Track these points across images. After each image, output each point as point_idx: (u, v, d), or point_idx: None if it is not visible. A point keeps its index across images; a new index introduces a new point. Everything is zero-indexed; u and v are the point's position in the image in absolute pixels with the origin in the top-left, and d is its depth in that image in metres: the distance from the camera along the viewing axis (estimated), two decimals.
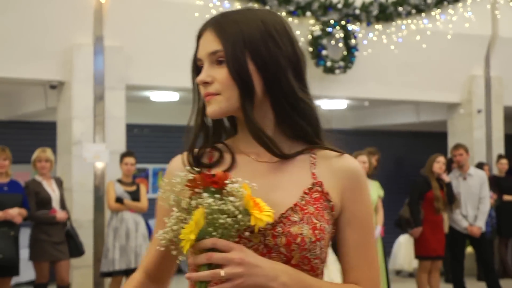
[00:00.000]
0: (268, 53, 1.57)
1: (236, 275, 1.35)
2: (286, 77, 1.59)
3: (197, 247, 1.35)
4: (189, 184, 1.39)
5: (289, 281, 1.43)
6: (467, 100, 12.34)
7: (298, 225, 1.49)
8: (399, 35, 11.37)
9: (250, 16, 1.63)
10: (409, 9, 11.39)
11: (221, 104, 1.56)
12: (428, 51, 11.57)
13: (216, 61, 1.56)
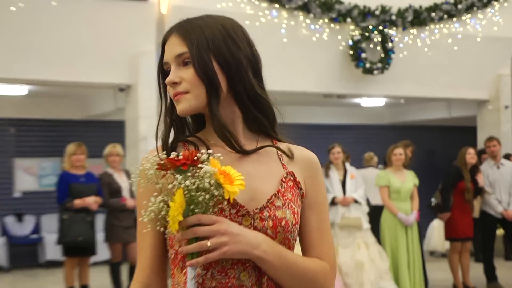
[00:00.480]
0: (230, 53, 1.60)
1: (221, 244, 1.40)
2: (247, 75, 1.63)
3: (183, 224, 1.39)
4: (159, 168, 1.42)
5: (269, 250, 1.48)
6: (495, 97, 12.21)
7: (282, 210, 1.55)
8: (432, 38, 11.27)
9: (211, 21, 1.65)
10: (441, 15, 11.28)
11: (191, 102, 1.58)
12: (458, 53, 11.46)
13: (183, 62, 1.59)
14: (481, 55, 11.74)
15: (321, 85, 10.65)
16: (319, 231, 1.69)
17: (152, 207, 1.42)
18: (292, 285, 1.60)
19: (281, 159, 1.69)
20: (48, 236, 10.96)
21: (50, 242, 10.68)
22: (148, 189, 1.50)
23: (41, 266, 11.24)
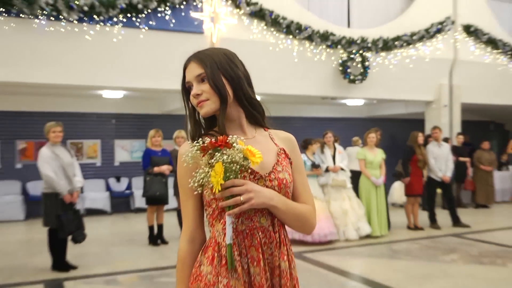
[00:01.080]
0: (232, 71, 1.65)
1: (249, 199, 1.48)
2: (244, 85, 1.67)
3: (223, 187, 1.45)
4: (202, 149, 1.47)
5: (278, 200, 1.57)
6: (437, 99, 12.10)
7: (282, 173, 1.63)
8: (395, 59, 11.18)
9: (216, 51, 1.70)
10: (402, 43, 11.18)
11: (211, 106, 1.61)
12: (413, 69, 11.35)
13: (201, 79, 1.62)
14: (428, 71, 11.63)
15: (320, 90, 10.64)
16: (303, 185, 1.75)
17: (198, 177, 1.48)
18: (293, 223, 1.66)
19: (273, 140, 1.74)
20: (136, 191, 11.09)
21: (137, 196, 10.80)
22: (188, 168, 1.55)
23: (131, 211, 11.39)
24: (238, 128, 1.69)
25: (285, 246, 1.64)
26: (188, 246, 1.65)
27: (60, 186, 5.81)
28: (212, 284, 1.54)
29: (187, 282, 1.63)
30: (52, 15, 7.90)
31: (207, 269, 1.57)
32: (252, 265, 1.55)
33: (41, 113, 10.63)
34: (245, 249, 1.56)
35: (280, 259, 1.60)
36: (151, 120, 11.56)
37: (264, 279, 1.55)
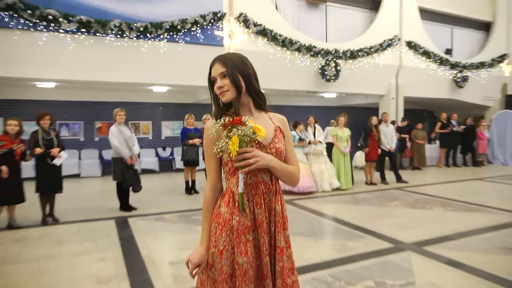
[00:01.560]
0: (245, 71, 1.63)
1: (256, 161, 1.52)
2: (253, 81, 1.66)
3: (238, 153, 1.49)
4: (223, 125, 1.50)
5: (276, 162, 1.59)
6: (388, 93, 11.94)
7: (278, 143, 1.63)
8: (358, 65, 10.99)
9: (234, 55, 1.66)
10: (363, 54, 10.99)
11: (230, 95, 1.61)
12: (371, 72, 11.19)
13: (223, 76, 1.62)
14: (381, 73, 11.46)
15: (305, 86, 10.47)
16: (291, 152, 1.72)
17: (220, 145, 1.51)
18: (284, 178, 1.65)
19: (272, 120, 1.71)
20: (177, 157, 11.09)
21: (177, 160, 10.88)
22: (213, 138, 1.59)
23: (173, 171, 11.40)
24: (247, 111, 1.67)
25: (279, 195, 1.67)
26: (211, 193, 1.66)
27: (124, 153, 5.81)
28: (227, 220, 1.58)
29: (210, 218, 1.65)
30: (118, 34, 8.09)
31: (224, 210, 1.59)
32: (256, 208, 1.59)
33: (111, 102, 10.61)
34: (251, 196, 1.59)
35: (275, 204, 1.63)
36: (187, 107, 11.49)
37: (264, 217, 1.59)
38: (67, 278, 3.42)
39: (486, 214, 5.74)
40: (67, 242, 4.48)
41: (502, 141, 12.84)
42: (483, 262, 3.71)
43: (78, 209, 6.20)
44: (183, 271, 3.53)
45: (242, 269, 1.53)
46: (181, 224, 5.28)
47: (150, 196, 7.26)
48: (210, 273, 1.62)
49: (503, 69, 13.97)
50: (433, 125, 14.39)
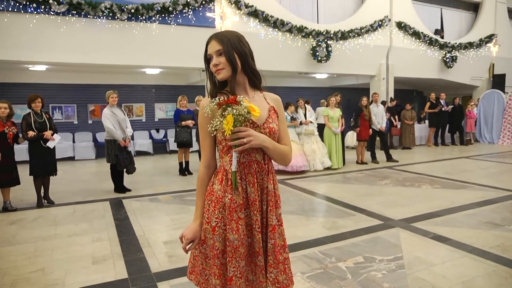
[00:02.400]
0: (242, 49, 1.59)
1: (250, 140, 1.50)
2: (249, 60, 1.61)
3: (232, 132, 1.46)
4: (218, 104, 1.46)
5: (268, 142, 1.56)
6: (378, 73, 11.88)
7: (272, 123, 1.60)
8: (349, 46, 10.87)
9: (230, 33, 1.61)
10: (354, 35, 10.86)
11: (225, 73, 1.57)
12: (362, 53, 11.09)
13: (219, 53, 1.57)
14: (372, 54, 11.39)
15: (297, 67, 10.36)
16: (284, 132, 1.68)
17: (214, 124, 1.46)
18: (276, 158, 1.62)
19: (266, 100, 1.67)
20: (170, 139, 11.01)
21: (171, 142, 10.79)
22: (207, 117, 1.55)
23: (167, 152, 11.35)
24: (242, 90, 1.63)
25: (271, 174, 1.64)
26: (205, 170, 1.65)
27: (117, 135, 5.74)
28: (220, 197, 1.56)
29: (204, 195, 1.63)
30: (109, 16, 7.93)
31: (217, 187, 1.58)
32: (249, 186, 1.56)
33: (104, 85, 10.43)
34: (244, 175, 1.57)
35: (268, 182, 1.61)
36: (179, 89, 11.34)
37: (256, 196, 1.57)
38: (62, 258, 3.40)
39: (472, 191, 5.81)
40: (63, 223, 4.46)
41: (488, 120, 12.92)
42: (468, 237, 3.76)
43: (73, 191, 6.15)
44: (177, 250, 3.53)
45: (233, 246, 1.53)
46: (175, 204, 5.27)
47: (144, 178, 7.22)
48: (202, 249, 1.61)
49: (491, 49, 13.93)
50: (423, 104, 14.41)
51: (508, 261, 3.17)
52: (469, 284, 2.79)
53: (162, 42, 8.46)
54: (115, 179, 6.02)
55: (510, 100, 12.40)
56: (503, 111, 12.55)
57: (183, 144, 7.32)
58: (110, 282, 2.92)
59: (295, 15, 10.17)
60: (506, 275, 2.93)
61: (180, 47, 8.63)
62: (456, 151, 10.93)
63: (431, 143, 12.14)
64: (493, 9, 14.23)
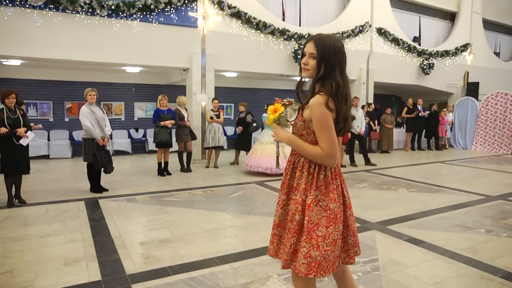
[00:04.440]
0: (331, 60, 1.71)
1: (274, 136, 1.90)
2: (335, 72, 1.72)
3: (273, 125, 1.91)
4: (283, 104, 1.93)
5: (287, 139, 1.81)
6: (358, 78, 12.12)
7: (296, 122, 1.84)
8: None
9: (329, 41, 1.72)
10: None
11: (308, 74, 1.77)
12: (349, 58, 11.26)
13: (312, 56, 1.73)
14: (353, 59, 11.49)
15: (279, 69, 10.40)
16: (317, 134, 1.72)
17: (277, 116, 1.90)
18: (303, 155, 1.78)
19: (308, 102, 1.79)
20: (149, 138, 10.83)
21: (150, 141, 10.56)
22: None
23: (146, 152, 11.19)
24: (310, 93, 1.81)
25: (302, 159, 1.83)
26: None
27: (95, 133, 5.61)
28: None
29: None
30: (88, 11, 7.78)
31: None
32: (288, 167, 1.91)
33: (82, 82, 10.22)
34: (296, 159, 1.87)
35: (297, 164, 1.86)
36: (160, 88, 11.22)
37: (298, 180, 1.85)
38: (32, 260, 3.29)
39: (445, 194, 5.96)
40: (34, 223, 4.32)
41: (462, 126, 13.31)
42: (441, 239, 3.85)
43: (46, 191, 5.98)
44: (153, 252, 3.48)
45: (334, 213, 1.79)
46: (152, 205, 5.19)
47: (122, 178, 7.09)
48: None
49: (466, 57, 14.37)
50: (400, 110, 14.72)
51: (478, 263, 3.26)
52: (441, 285, 2.85)
53: (143, 40, 8.35)
54: (92, 179, 5.89)
55: (483, 107, 12.81)
56: (476, 118, 12.96)
57: (162, 144, 7.23)
58: (82, 284, 2.84)
59: (278, 18, 10.24)
60: (476, 276, 3.01)
61: (162, 46, 8.54)
62: (431, 155, 11.20)
63: (408, 147, 12.41)
64: (469, 19, 14.70)
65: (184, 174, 7.52)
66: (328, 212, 1.72)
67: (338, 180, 1.82)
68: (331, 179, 1.77)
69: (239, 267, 3.14)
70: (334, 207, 1.73)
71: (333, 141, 1.68)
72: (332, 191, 1.76)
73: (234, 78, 12.07)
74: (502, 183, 7.00)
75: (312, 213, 1.72)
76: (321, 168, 1.76)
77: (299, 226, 1.75)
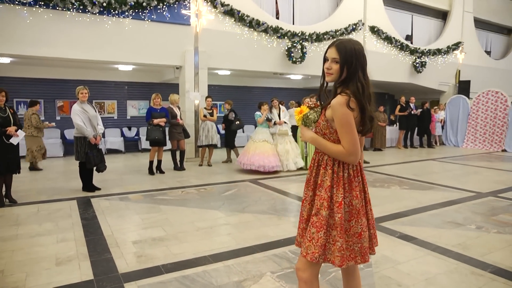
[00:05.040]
0: (353, 64, 1.77)
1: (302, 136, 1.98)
2: (358, 74, 1.78)
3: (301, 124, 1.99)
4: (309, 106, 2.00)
5: (310, 138, 1.90)
6: None
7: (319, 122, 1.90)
8: (325, 48, 11.00)
9: (350, 45, 1.79)
10: (329, 37, 11.02)
11: (331, 78, 1.83)
12: None
13: (334, 61, 1.80)
14: None
15: (272, 68, 10.39)
16: (339, 134, 1.79)
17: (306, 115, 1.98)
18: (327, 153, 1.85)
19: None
20: (142, 137, 10.82)
21: (143, 140, 10.58)
22: None
23: (139, 151, 11.13)
24: (331, 96, 1.85)
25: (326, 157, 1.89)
26: None
27: (87, 132, 5.56)
28: None
29: None
30: (80, 9, 7.73)
31: None
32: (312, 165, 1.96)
33: (74, 80, 10.15)
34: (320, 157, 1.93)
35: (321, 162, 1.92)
36: (153, 86, 11.18)
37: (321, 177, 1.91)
38: (23, 259, 3.27)
39: (437, 191, 6.01)
40: (25, 223, 4.28)
41: (454, 124, 13.44)
42: (432, 236, 3.89)
43: (37, 190, 5.93)
44: (146, 250, 3.47)
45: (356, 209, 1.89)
46: (145, 204, 5.17)
47: (114, 176, 7.05)
48: None
49: (458, 56, 14.50)
50: (393, 108, 14.80)
51: (468, 259, 3.30)
52: (432, 281, 2.89)
53: (135, 38, 8.30)
54: (84, 178, 5.84)
55: (474, 105, 12.94)
56: (467, 116, 13.09)
57: (155, 142, 7.19)
58: (74, 283, 2.83)
59: (271, 16, 10.24)
60: (467, 272, 3.05)
61: (154, 44, 8.50)
62: (424, 153, 11.29)
63: (401, 145, 12.49)
64: (461, 18, 14.82)
65: (177, 173, 7.50)
66: (351, 208, 1.83)
67: (359, 177, 1.91)
68: (353, 177, 1.86)
69: (232, 265, 3.14)
70: (356, 203, 1.84)
71: (354, 140, 1.75)
72: (355, 188, 1.85)
73: (227, 76, 12.05)
74: (492, 180, 7.08)
75: (342, 211, 1.82)
76: (344, 166, 1.85)
77: (326, 221, 1.83)
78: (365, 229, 1.87)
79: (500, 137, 12.25)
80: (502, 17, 16.91)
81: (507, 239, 3.85)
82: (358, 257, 1.87)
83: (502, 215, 4.69)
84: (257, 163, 7.27)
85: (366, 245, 1.87)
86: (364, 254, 1.87)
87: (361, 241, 1.85)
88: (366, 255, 1.88)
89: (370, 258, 1.97)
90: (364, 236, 1.86)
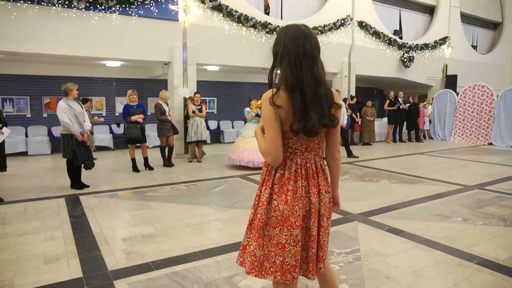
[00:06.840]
0: (275, 50, 1.65)
1: None
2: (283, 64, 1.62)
3: None
4: None
5: (255, 129, 1.71)
6: (340, 71, 12.17)
7: None
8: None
9: (284, 29, 1.59)
10: (317, 32, 11.03)
11: None
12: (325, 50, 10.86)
13: None
14: (335, 52, 11.58)
15: (261, 63, 10.34)
16: None
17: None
18: None
19: None
20: None
21: None
22: None
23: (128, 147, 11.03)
24: None
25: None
26: None
27: (74, 129, 5.49)
28: None
29: None
30: (65, 4, 7.61)
31: None
32: None
33: (61, 76, 9.99)
34: None
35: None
36: (141, 82, 11.08)
37: None
38: (11, 258, 3.22)
39: (425, 185, 6.10)
40: (12, 222, 4.22)
41: (441, 118, 13.61)
42: (420, 228, 3.94)
43: (24, 188, 5.84)
44: (136, 247, 3.45)
45: None
46: (135, 200, 5.14)
47: (103, 174, 6.98)
48: None
49: (445, 51, 14.65)
50: (382, 102, 14.91)
51: (455, 251, 3.36)
52: (420, 273, 2.93)
53: (122, 34, 8.20)
54: (72, 175, 5.78)
55: (461, 99, 13.12)
56: (454, 110, 13.27)
57: (133, 140, 7.08)
58: (63, 282, 2.80)
59: (259, 11, 10.20)
60: (453, 263, 3.10)
61: (142, 40, 8.41)
62: (412, 147, 11.42)
63: (390, 139, 12.61)
64: (447, 13, 14.97)
65: (167, 169, 7.46)
66: (277, 213, 1.55)
67: (303, 182, 1.58)
68: (288, 180, 1.57)
69: (222, 260, 3.15)
70: (284, 209, 1.55)
71: (272, 139, 1.51)
72: (286, 193, 1.56)
73: (216, 72, 11.99)
74: (479, 173, 7.20)
75: (263, 212, 1.58)
76: (280, 165, 1.59)
77: (250, 220, 1.67)
78: (292, 243, 1.55)
79: (486, 131, 12.45)
80: (488, 12, 17.13)
81: (492, 230, 3.92)
82: (278, 272, 1.57)
83: (488, 208, 4.78)
84: (246, 159, 7.27)
85: (290, 262, 1.56)
86: (286, 271, 1.56)
87: (284, 254, 1.55)
88: (288, 273, 1.56)
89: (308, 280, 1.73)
90: (289, 250, 1.55)
